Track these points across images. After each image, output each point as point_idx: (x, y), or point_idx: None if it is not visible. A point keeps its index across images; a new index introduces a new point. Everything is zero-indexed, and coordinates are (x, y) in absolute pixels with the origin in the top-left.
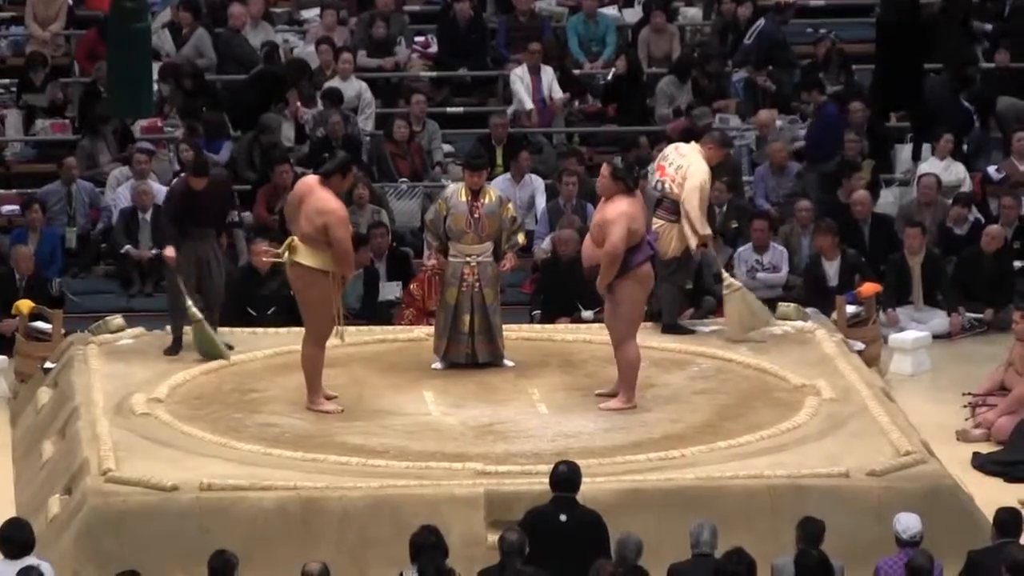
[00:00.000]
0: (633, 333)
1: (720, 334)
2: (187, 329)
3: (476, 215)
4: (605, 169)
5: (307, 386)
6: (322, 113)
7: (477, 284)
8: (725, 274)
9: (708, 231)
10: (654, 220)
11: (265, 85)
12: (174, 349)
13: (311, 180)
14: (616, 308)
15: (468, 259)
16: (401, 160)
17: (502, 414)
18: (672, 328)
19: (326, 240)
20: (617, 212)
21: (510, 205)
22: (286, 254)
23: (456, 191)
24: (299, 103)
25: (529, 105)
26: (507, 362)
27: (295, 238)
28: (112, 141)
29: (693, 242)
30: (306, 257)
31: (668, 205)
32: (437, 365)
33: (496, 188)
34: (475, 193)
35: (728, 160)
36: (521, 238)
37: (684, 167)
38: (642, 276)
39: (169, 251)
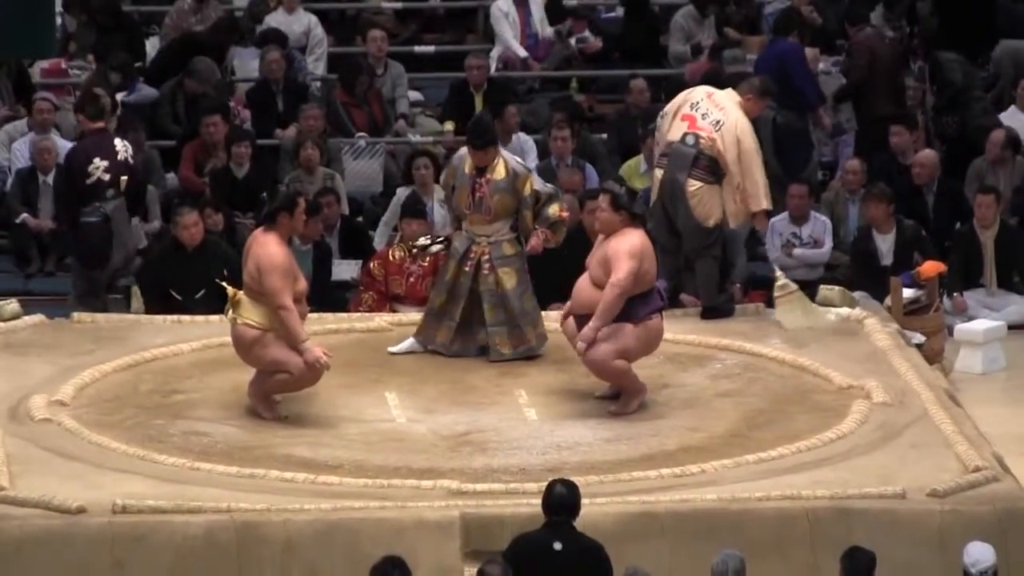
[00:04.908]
0: (616, 359)
1: (747, 321)
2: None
3: (478, 194)
4: (604, 200)
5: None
6: (260, 51)
7: (488, 265)
8: (779, 272)
9: (765, 204)
10: (690, 182)
11: (185, 53)
12: None
13: (258, 230)
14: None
15: (477, 239)
16: (357, 111)
17: (482, 421)
18: (713, 312)
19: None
20: (628, 245)
21: (531, 179)
22: (229, 312)
23: (464, 159)
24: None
25: (520, 51)
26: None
27: (240, 293)
28: (7, 87)
29: (736, 221)
30: (251, 313)
31: (705, 164)
32: (394, 348)
33: (511, 158)
34: (480, 168)
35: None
36: (555, 210)
37: (722, 122)
38: (651, 328)
39: None
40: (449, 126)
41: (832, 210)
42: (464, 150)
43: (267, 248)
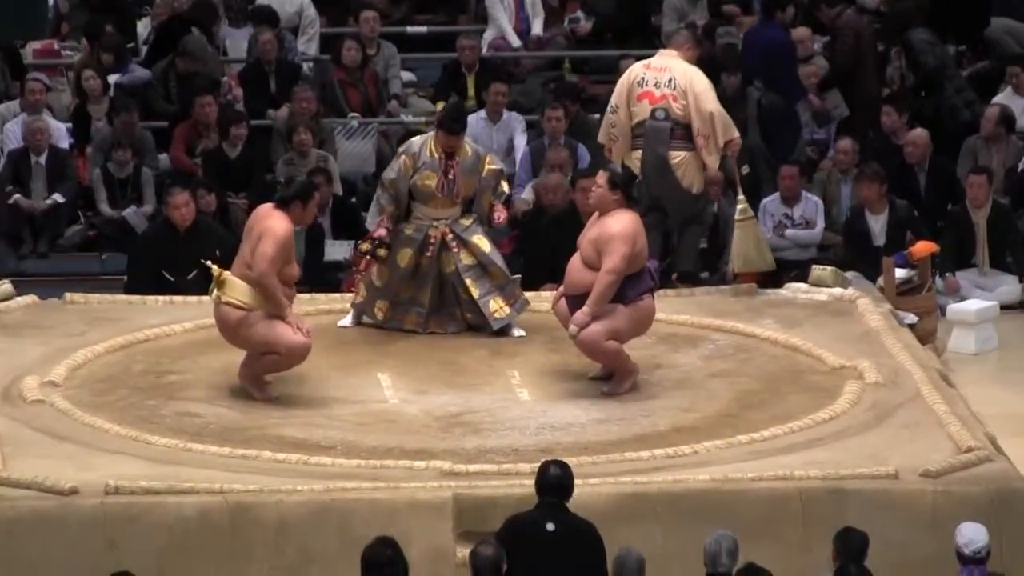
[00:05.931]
0: (608, 340)
1: (740, 301)
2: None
3: (451, 175)
4: (602, 177)
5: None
6: (252, 33)
7: (455, 242)
8: (742, 197)
9: (736, 133)
10: (672, 154)
11: (172, 33)
12: None
13: (267, 206)
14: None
15: (435, 223)
16: (352, 90)
17: (474, 402)
18: (689, 277)
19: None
20: (621, 227)
21: (489, 158)
22: (213, 291)
23: (424, 145)
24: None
25: (515, 40)
26: (516, 331)
27: (225, 272)
28: (2, 69)
29: (714, 161)
30: (235, 292)
31: (681, 133)
32: (346, 322)
33: (470, 140)
34: (449, 153)
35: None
36: (505, 186)
37: (674, 79)
38: (642, 308)
39: None
40: (441, 106)
41: (824, 190)
42: (417, 138)
43: (281, 223)
